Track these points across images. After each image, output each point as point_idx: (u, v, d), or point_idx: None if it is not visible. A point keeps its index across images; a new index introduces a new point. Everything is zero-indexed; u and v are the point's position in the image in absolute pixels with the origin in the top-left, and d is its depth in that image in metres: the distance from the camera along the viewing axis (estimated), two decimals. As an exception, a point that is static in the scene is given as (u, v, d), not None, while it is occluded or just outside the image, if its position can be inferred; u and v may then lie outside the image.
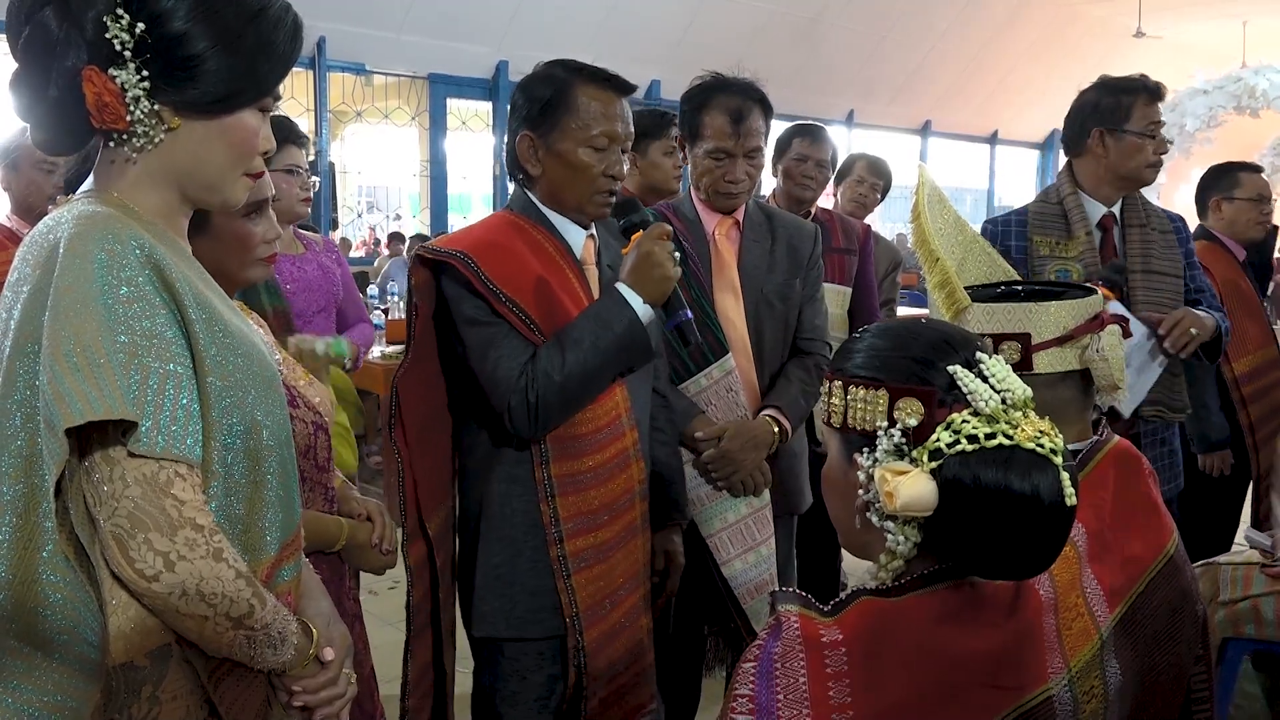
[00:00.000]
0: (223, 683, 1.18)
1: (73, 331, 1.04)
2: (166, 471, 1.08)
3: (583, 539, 1.81)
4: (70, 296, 1.05)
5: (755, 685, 0.99)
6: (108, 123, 1.12)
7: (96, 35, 1.10)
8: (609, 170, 1.81)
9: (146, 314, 1.08)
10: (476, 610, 1.86)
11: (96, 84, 1.10)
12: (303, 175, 2.74)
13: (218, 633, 1.11)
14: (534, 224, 1.86)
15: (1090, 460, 1.40)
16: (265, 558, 1.21)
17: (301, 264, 2.85)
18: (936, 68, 12.58)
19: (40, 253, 1.10)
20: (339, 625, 1.35)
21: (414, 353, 1.83)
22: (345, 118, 9.83)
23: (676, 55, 8.90)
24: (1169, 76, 3.37)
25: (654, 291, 1.76)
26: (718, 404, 2.26)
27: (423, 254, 1.79)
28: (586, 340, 1.72)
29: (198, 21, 1.13)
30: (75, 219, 1.10)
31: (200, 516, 1.09)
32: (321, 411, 1.72)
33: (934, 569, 1.06)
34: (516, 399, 1.72)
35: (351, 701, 1.32)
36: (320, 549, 1.72)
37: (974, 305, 1.52)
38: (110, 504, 1.06)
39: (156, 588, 1.07)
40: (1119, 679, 1.25)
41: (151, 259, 1.10)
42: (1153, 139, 2.52)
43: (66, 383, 1.02)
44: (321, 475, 1.73)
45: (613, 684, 1.89)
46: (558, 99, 1.80)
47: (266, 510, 1.20)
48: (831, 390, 1.11)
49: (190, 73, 1.13)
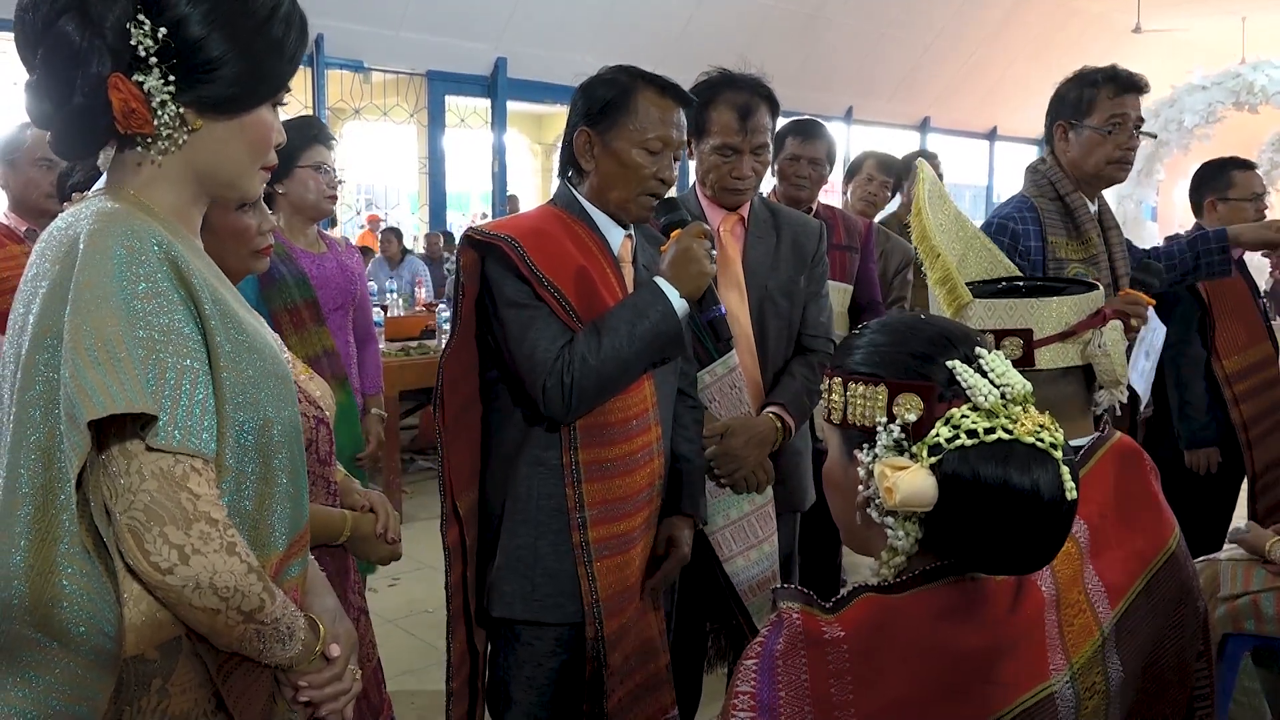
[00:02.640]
0: (231, 676, 1.19)
1: (93, 326, 1.05)
2: (183, 465, 1.09)
3: (605, 527, 1.84)
4: (90, 292, 1.07)
5: (757, 682, 0.99)
6: (134, 128, 1.14)
7: (119, 42, 1.11)
8: (659, 174, 1.88)
9: (164, 310, 1.10)
10: (496, 590, 1.88)
11: (123, 90, 1.12)
12: (330, 173, 2.78)
13: (228, 626, 1.13)
14: (576, 219, 1.92)
15: (1092, 456, 1.40)
16: (274, 553, 1.22)
17: (322, 262, 2.89)
18: (935, 64, 12.59)
19: (59, 248, 1.12)
20: (344, 621, 1.36)
21: (460, 335, 1.89)
22: (343, 115, 9.83)
23: (675, 51, 8.89)
24: (1168, 73, 3.38)
25: (690, 286, 1.82)
26: (721, 401, 2.26)
27: (472, 235, 1.85)
28: (623, 328, 1.78)
29: (215, 25, 1.15)
30: (94, 215, 1.12)
31: (215, 511, 1.11)
32: (323, 405, 1.73)
33: (935, 565, 1.06)
34: (552, 381, 1.76)
35: (357, 697, 1.32)
36: (325, 542, 1.73)
37: (976, 301, 1.52)
38: (127, 497, 1.08)
39: (171, 580, 1.08)
40: (1121, 675, 1.25)
41: (169, 255, 1.11)
42: (1111, 134, 2.43)
43: (88, 376, 1.04)
44: (323, 469, 1.74)
45: (629, 683, 1.90)
46: (619, 100, 1.87)
47: (276, 506, 1.22)
48: (831, 387, 1.11)
49: (210, 75, 1.15)
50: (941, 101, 13.18)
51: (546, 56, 8.99)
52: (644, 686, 1.92)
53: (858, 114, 12.39)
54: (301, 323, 2.67)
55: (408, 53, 8.77)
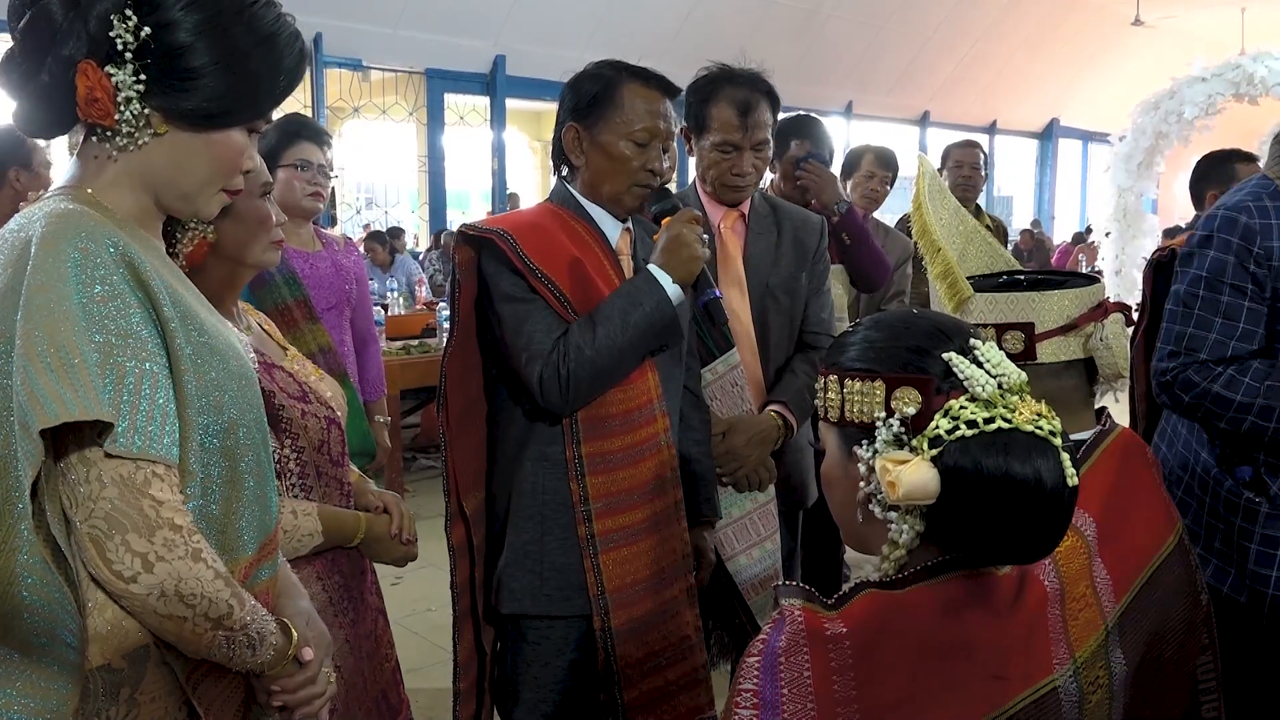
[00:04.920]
0: (201, 684, 1.17)
1: (47, 332, 1.03)
2: (144, 472, 1.07)
3: (611, 519, 1.84)
4: (44, 296, 1.04)
5: (760, 680, 0.99)
6: (94, 117, 1.12)
7: (100, 31, 1.10)
8: (648, 164, 1.88)
9: (121, 313, 1.07)
10: (505, 587, 1.88)
11: (90, 78, 1.10)
12: (312, 170, 2.75)
13: (196, 634, 1.10)
14: (573, 214, 1.93)
15: (1095, 449, 1.39)
16: (243, 557, 1.20)
17: (315, 261, 2.88)
18: (935, 58, 12.58)
19: (11, 251, 1.09)
20: (318, 624, 1.34)
21: (459, 334, 1.89)
22: (342, 114, 9.83)
23: (674, 47, 8.89)
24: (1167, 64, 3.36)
25: (682, 271, 1.82)
26: (722, 399, 2.25)
27: (466, 231, 1.86)
28: (617, 316, 1.78)
29: (204, 36, 1.12)
30: (47, 217, 1.09)
31: (178, 517, 1.08)
32: (334, 406, 1.73)
33: (938, 560, 1.05)
34: (548, 372, 1.77)
35: (376, 697, 1.30)
36: (339, 544, 1.73)
37: (977, 295, 1.51)
38: (87, 505, 1.05)
39: (135, 589, 1.06)
40: (1124, 669, 1.25)
41: (125, 257, 1.09)
42: None
43: (41, 383, 1.01)
44: (336, 470, 1.73)
45: (656, 679, 1.89)
46: (604, 94, 1.87)
47: (244, 510, 1.20)
48: (827, 385, 1.11)
49: (186, 84, 1.13)
50: (941, 95, 13.17)
51: (545, 53, 8.98)
52: (677, 684, 1.92)
53: (857, 108, 12.39)
54: (294, 322, 2.66)
55: (406, 51, 8.77)
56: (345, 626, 1.73)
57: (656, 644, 1.89)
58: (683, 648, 1.92)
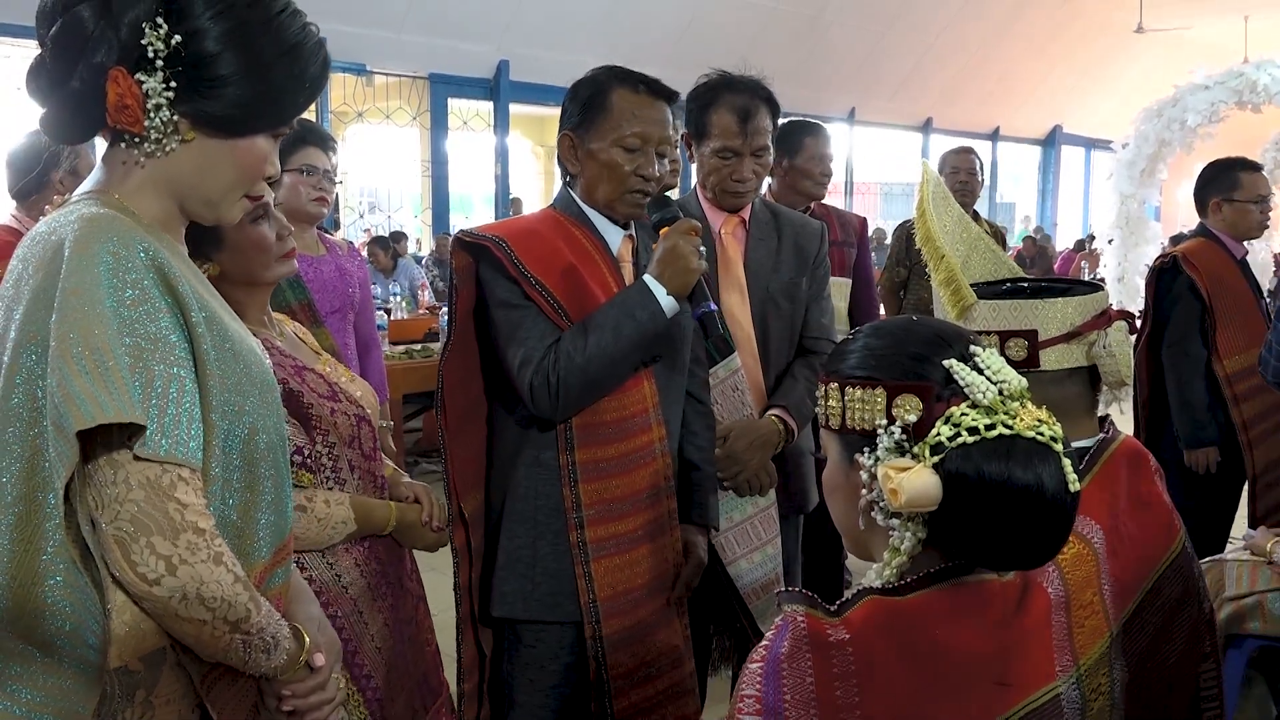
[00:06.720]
0: (215, 687, 1.18)
1: (81, 334, 1.04)
2: (170, 475, 1.08)
3: (604, 527, 1.84)
4: (77, 299, 1.05)
5: (762, 686, 0.99)
6: (123, 124, 1.13)
7: (131, 39, 1.11)
8: (640, 170, 1.86)
9: (152, 317, 1.08)
10: (497, 591, 1.88)
11: (121, 85, 1.11)
12: (318, 175, 2.75)
13: (214, 637, 1.11)
14: (574, 221, 1.92)
15: (1100, 457, 1.39)
16: (258, 562, 1.21)
17: (319, 265, 2.89)
18: (938, 64, 12.59)
19: (43, 254, 1.10)
20: (329, 631, 1.36)
21: (455, 339, 1.89)
22: (346, 118, 9.84)
23: (678, 53, 8.90)
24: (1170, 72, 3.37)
25: (678, 283, 1.79)
26: (723, 403, 2.25)
27: (462, 237, 1.86)
28: (609, 326, 1.76)
29: (231, 45, 1.14)
30: (78, 220, 1.10)
31: (202, 520, 1.09)
32: (364, 404, 1.79)
33: (940, 567, 1.06)
34: (539, 379, 1.76)
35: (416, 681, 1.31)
36: (371, 533, 1.78)
37: (980, 302, 1.51)
38: (114, 507, 1.06)
39: (157, 591, 1.07)
40: (1126, 676, 1.25)
41: (155, 262, 1.10)
42: None
43: (76, 385, 1.02)
44: (368, 464, 1.79)
45: (646, 689, 1.89)
46: (596, 100, 1.86)
47: (260, 515, 1.21)
48: (828, 393, 1.11)
49: (214, 91, 1.14)
50: (944, 102, 13.18)
51: (548, 58, 9.00)
52: (665, 694, 1.91)
53: (860, 114, 12.40)
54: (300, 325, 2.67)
55: (410, 56, 8.79)
56: (384, 610, 1.79)
57: (648, 654, 1.89)
58: (673, 657, 1.92)
